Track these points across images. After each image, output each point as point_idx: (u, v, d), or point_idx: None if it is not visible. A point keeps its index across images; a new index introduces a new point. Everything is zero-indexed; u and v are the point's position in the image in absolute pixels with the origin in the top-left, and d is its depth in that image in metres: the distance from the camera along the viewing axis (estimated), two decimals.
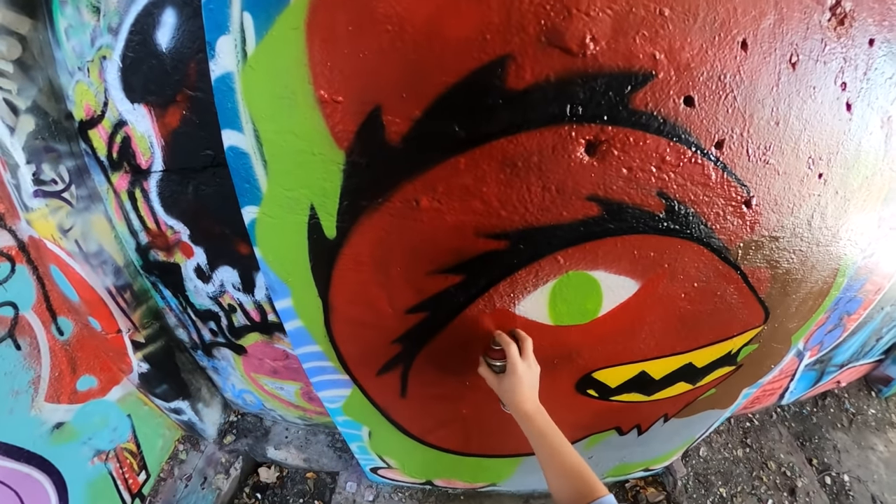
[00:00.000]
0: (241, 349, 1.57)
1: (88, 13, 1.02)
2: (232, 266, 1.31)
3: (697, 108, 0.69)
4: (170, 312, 1.59)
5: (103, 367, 1.59)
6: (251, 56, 0.70)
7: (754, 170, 0.77)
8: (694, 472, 2.03)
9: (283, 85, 0.70)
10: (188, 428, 1.97)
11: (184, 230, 1.27)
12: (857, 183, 0.86)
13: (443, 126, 0.68)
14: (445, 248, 0.81)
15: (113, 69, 1.04)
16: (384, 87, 0.67)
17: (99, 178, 1.28)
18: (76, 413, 1.50)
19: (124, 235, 1.39)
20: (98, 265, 1.35)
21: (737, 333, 1.09)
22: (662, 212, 0.78)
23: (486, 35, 0.62)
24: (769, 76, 0.69)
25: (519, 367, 0.86)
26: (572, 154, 0.70)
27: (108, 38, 1.02)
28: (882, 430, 2.42)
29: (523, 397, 0.86)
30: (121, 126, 1.12)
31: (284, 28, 0.66)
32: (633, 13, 0.62)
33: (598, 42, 0.63)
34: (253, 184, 0.82)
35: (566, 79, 0.65)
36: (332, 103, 0.69)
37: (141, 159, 1.15)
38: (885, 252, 1.44)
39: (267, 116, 0.74)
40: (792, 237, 0.89)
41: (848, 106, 0.76)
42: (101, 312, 1.41)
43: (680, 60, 0.66)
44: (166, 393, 1.71)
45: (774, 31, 0.66)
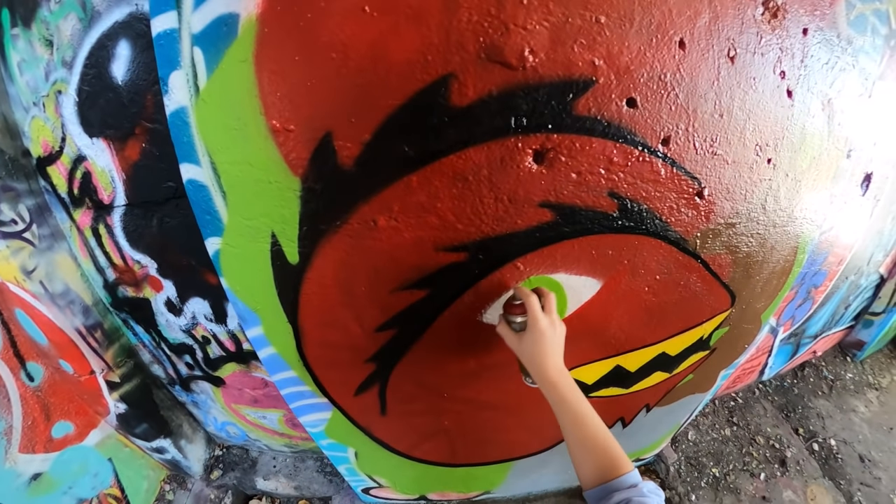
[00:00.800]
0: (219, 381, 1.55)
1: (41, 47, 1.00)
2: (202, 297, 1.29)
3: (640, 108, 0.72)
4: (143, 349, 1.55)
5: (79, 411, 1.54)
6: (203, 90, 0.71)
7: (703, 162, 0.80)
8: (685, 456, 2.06)
9: (235, 117, 0.71)
10: (173, 467, 1.91)
11: (151, 264, 1.25)
12: (806, 164, 0.90)
13: (392, 147, 0.70)
14: (407, 264, 0.82)
15: (69, 103, 1.03)
16: (333, 114, 0.68)
17: (61, 215, 1.25)
18: (53, 462, 1.45)
19: (91, 273, 1.36)
20: (65, 305, 1.32)
21: (706, 319, 1.12)
22: (616, 211, 0.81)
23: (427, 56, 0.64)
24: (709, 71, 0.72)
25: (541, 322, 0.76)
26: (520, 164, 0.72)
27: (63, 72, 1.00)
28: (861, 391, 2.51)
29: (545, 358, 0.77)
30: (80, 161, 1.10)
31: (233, 61, 0.67)
32: (570, 23, 0.65)
33: (537, 54, 0.66)
34: (214, 215, 0.82)
35: (508, 92, 0.67)
36: (285, 132, 0.70)
37: (103, 194, 1.13)
38: (842, 225, 1.51)
39: (222, 148, 0.75)
40: (748, 222, 0.92)
41: (789, 93, 0.80)
42: (72, 354, 1.37)
43: (619, 64, 0.68)
44: (147, 432, 1.67)
45: (710, 28, 0.70)
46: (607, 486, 0.66)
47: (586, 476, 0.70)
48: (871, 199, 1.56)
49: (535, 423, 1.29)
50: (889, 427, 2.29)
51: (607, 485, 0.66)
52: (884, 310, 2.47)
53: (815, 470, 2.05)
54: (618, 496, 0.64)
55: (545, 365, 0.77)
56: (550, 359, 0.77)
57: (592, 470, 0.69)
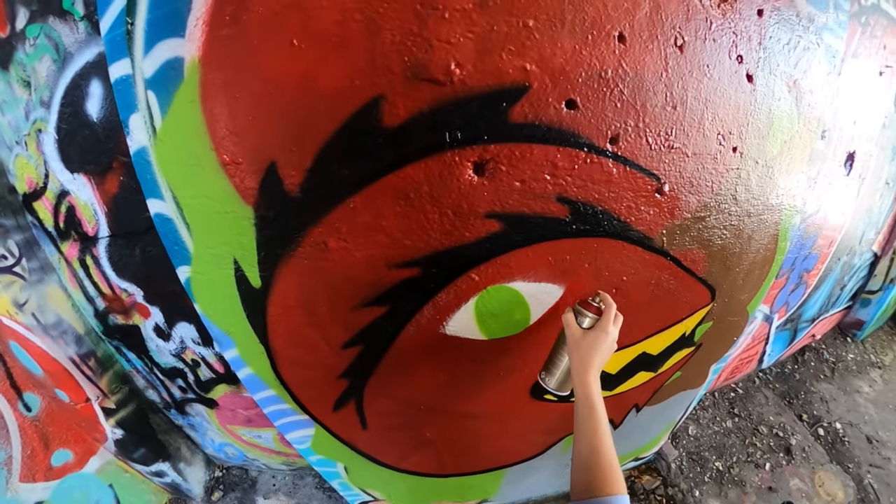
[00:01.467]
0: (212, 402, 1.57)
1: (20, 88, 1.05)
2: (188, 321, 1.31)
3: (582, 109, 0.71)
4: (137, 375, 1.59)
5: (77, 438, 1.57)
6: (160, 130, 0.74)
7: (659, 157, 0.78)
8: (686, 451, 2.02)
9: (189, 153, 0.74)
10: (174, 490, 1.93)
11: (137, 292, 1.28)
12: (777, 149, 0.89)
13: (333, 171, 0.72)
14: (362, 282, 0.84)
15: (49, 141, 1.07)
16: (275, 144, 0.71)
17: (49, 248, 1.30)
18: (54, 490, 1.48)
19: (81, 303, 1.39)
20: (58, 336, 1.35)
21: (685, 316, 1.10)
22: (568, 216, 0.81)
23: (355, 81, 0.66)
24: (655, 63, 0.71)
25: (610, 328, 0.81)
26: (460, 177, 0.73)
27: (42, 112, 1.04)
28: (864, 371, 2.47)
29: (595, 360, 0.79)
30: (64, 196, 1.14)
31: (183, 102, 0.70)
32: (496, 31, 0.64)
33: (464, 66, 0.66)
34: (181, 245, 0.86)
35: (439, 108, 0.68)
36: (234, 165, 0.73)
37: (87, 227, 1.17)
38: (828, 207, 1.47)
39: (182, 183, 0.78)
40: (719, 214, 0.90)
41: (749, 77, 0.79)
42: (67, 383, 1.41)
43: (553, 67, 0.67)
44: (145, 457, 1.69)
45: (652, 18, 0.69)
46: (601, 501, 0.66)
47: (579, 482, 0.71)
48: (856, 178, 1.53)
49: (521, 430, 1.28)
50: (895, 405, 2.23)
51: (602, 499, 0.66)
52: (880, 287, 2.43)
53: (822, 455, 2.00)
54: None
55: (592, 366, 0.79)
56: (597, 362, 0.79)
57: (588, 480, 0.70)
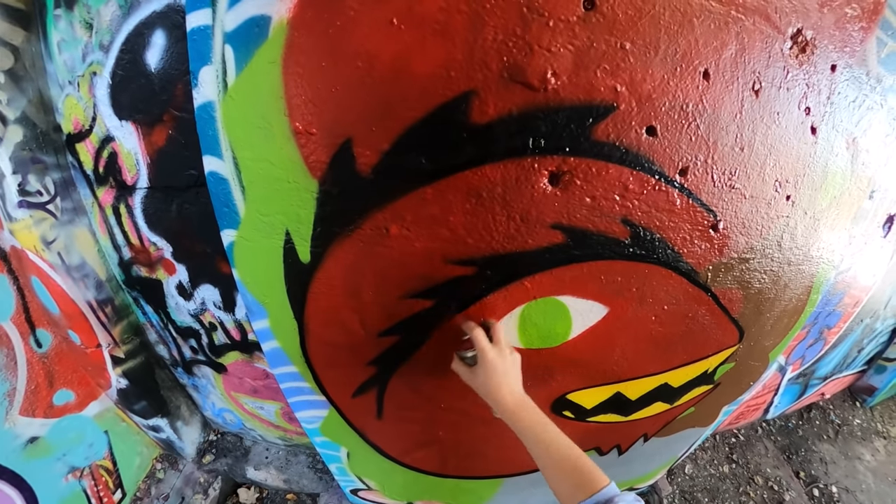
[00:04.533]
0: (221, 367, 1.57)
1: (81, 29, 1.05)
2: (213, 285, 1.31)
3: (660, 137, 0.71)
4: (150, 328, 1.59)
5: (81, 381, 1.58)
6: (231, 87, 0.72)
7: (720, 195, 0.79)
8: (680, 489, 2.02)
9: (260, 115, 0.72)
10: (166, 446, 1.94)
11: (167, 247, 1.28)
12: (826, 203, 0.89)
13: (410, 158, 0.71)
14: (415, 273, 0.83)
15: (102, 85, 1.07)
16: (355, 121, 0.69)
17: (84, 191, 1.30)
18: (51, 428, 1.48)
19: (107, 250, 1.40)
20: (80, 278, 1.35)
21: (711, 353, 1.10)
22: (628, 238, 0.80)
23: (450, 72, 0.65)
24: (732, 104, 0.72)
25: (489, 354, 0.78)
26: (535, 185, 0.73)
27: (100, 55, 1.04)
28: (868, 439, 2.44)
29: (499, 389, 0.77)
30: (108, 142, 1.14)
31: (262, 62, 0.69)
32: (594, 48, 0.65)
33: (560, 77, 0.66)
34: (231, 208, 0.84)
35: (528, 113, 0.67)
36: (307, 135, 0.72)
37: (127, 175, 1.17)
38: (860, 266, 1.47)
39: (245, 145, 0.76)
40: (762, 258, 0.90)
41: (813, 129, 0.79)
42: (81, 326, 1.41)
43: (641, 92, 0.68)
44: (145, 410, 1.69)
45: (736, 60, 0.69)
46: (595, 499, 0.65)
47: (564, 495, 0.69)
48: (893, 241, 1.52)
49: None
50: (895, 479, 2.21)
51: (587, 501, 0.65)
52: None
53: None
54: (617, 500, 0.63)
55: (501, 395, 0.77)
56: (505, 388, 0.77)
57: (570, 490, 0.68)
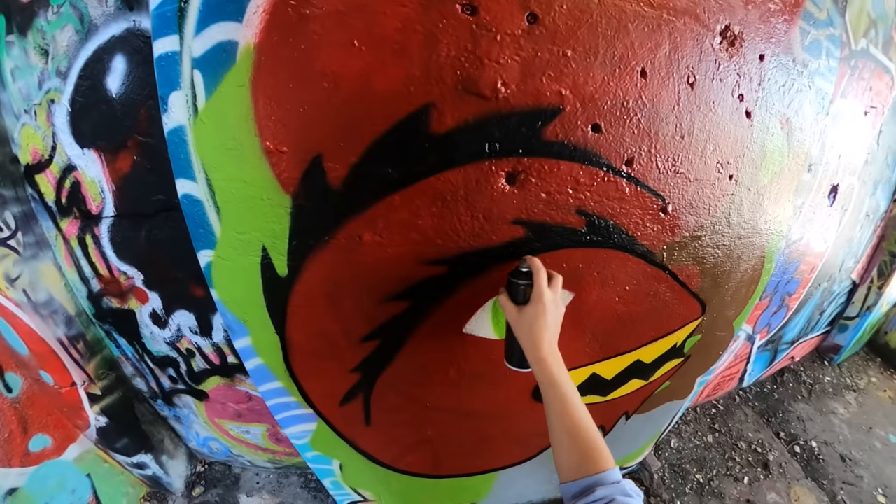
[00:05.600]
0: (202, 394, 1.54)
1: (36, 55, 1.03)
2: (188, 310, 1.30)
3: (605, 133, 0.79)
4: (126, 361, 1.55)
5: (57, 424, 1.52)
6: (202, 111, 0.75)
7: (666, 180, 0.87)
8: (668, 463, 2.10)
9: (231, 137, 0.75)
10: (153, 483, 1.87)
11: (137, 275, 1.26)
12: (767, 179, 0.98)
13: (378, 169, 0.75)
14: (391, 277, 0.87)
15: (62, 113, 1.05)
16: (323, 137, 0.74)
17: (47, 224, 1.26)
18: (30, 477, 1.42)
19: (75, 283, 1.36)
20: (48, 315, 1.31)
21: (678, 327, 1.18)
22: (584, 227, 0.87)
23: (409, 87, 0.70)
24: (670, 97, 0.79)
25: (546, 296, 0.74)
26: (494, 185, 0.79)
27: (57, 82, 1.02)
28: (839, 394, 2.60)
29: (542, 333, 0.74)
30: (70, 171, 1.12)
31: (231, 85, 0.72)
32: (539, 57, 0.71)
33: (509, 86, 0.72)
34: (207, 229, 0.86)
35: (483, 120, 0.73)
36: (278, 153, 0.75)
37: (91, 204, 1.15)
38: (812, 235, 1.59)
39: (218, 166, 0.79)
40: (713, 234, 0.99)
41: (748, 114, 0.87)
42: (53, 365, 1.36)
43: (585, 93, 0.75)
44: (127, 447, 1.64)
45: (670, 58, 0.77)
46: (590, 480, 0.63)
47: (567, 466, 0.66)
48: (838, 209, 1.66)
49: (520, 432, 1.32)
50: (868, 427, 2.37)
51: (591, 478, 0.63)
52: (857, 314, 2.57)
53: (798, 471, 2.11)
54: (602, 491, 0.60)
55: (540, 340, 0.73)
56: (548, 335, 0.74)
57: (575, 460, 0.65)
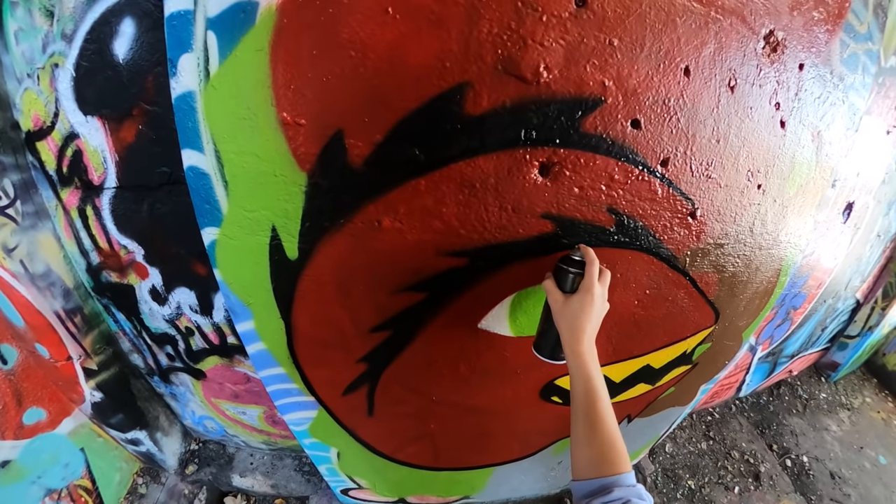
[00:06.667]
0: (199, 374, 1.52)
1: (41, 17, 0.97)
2: (189, 287, 1.27)
3: (644, 129, 0.74)
4: (123, 337, 1.51)
5: (52, 397, 1.49)
6: (214, 76, 0.69)
7: (698, 184, 0.83)
8: (662, 467, 2.11)
9: (245, 106, 0.70)
10: (147, 459, 1.86)
11: (138, 250, 1.22)
12: (793, 191, 0.94)
13: (403, 150, 0.70)
14: (407, 267, 0.83)
15: (65, 78, 1.00)
16: (347, 111, 0.68)
17: (47, 193, 1.22)
18: (23, 449, 1.39)
19: (74, 255, 1.32)
20: (45, 287, 1.27)
21: (690, 334, 1.15)
22: (613, 226, 0.83)
23: (445, 63, 0.65)
24: (710, 99, 0.75)
25: (595, 289, 0.73)
26: (527, 175, 0.74)
27: (62, 45, 0.97)
28: (834, 411, 2.61)
29: (586, 325, 0.72)
30: (72, 139, 1.08)
31: (248, 49, 0.66)
32: (585, 43, 0.66)
33: (552, 70, 0.67)
34: (213, 205, 0.81)
35: (521, 105, 0.68)
36: (295, 126, 0.70)
37: (93, 175, 1.11)
38: (823, 250, 1.57)
39: (228, 137, 0.74)
40: (736, 243, 0.95)
41: (782, 123, 0.83)
42: (49, 338, 1.33)
43: (627, 87, 0.70)
44: (122, 423, 1.62)
45: (714, 58, 0.72)
46: (608, 480, 0.62)
47: (586, 463, 0.66)
48: (851, 226, 1.63)
49: (522, 429, 1.30)
50: (859, 446, 2.38)
51: (609, 479, 0.62)
52: (858, 333, 2.57)
53: (788, 485, 2.13)
54: (619, 492, 0.60)
55: (582, 332, 0.72)
56: (589, 328, 0.73)
57: (596, 459, 0.65)
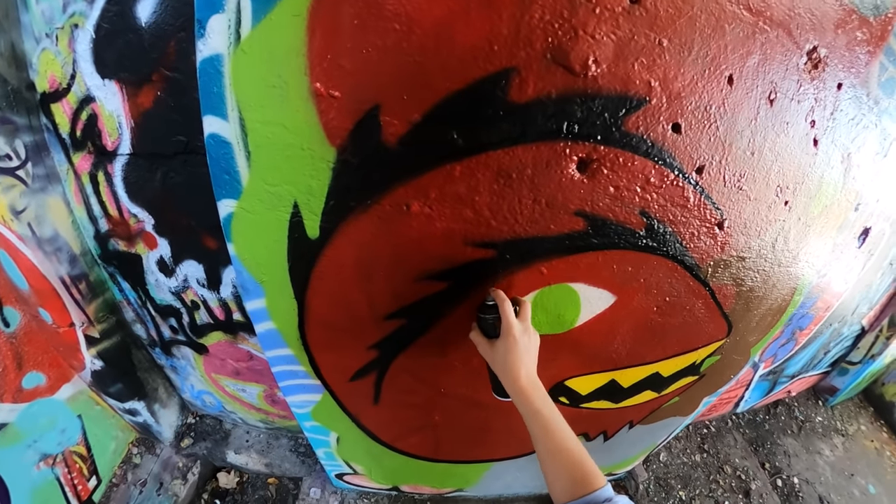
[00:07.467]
0: (202, 348, 1.51)
1: None
2: (198, 261, 1.25)
3: (683, 134, 0.72)
4: (127, 306, 1.50)
5: (53, 363, 1.48)
6: (245, 39, 0.65)
7: (728, 195, 0.81)
8: (655, 476, 2.12)
9: (276, 73, 0.67)
10: (143, 430, 1.85)
11: (148, 219, 1.21)
12: (818, 211, 0.93)
13: (441, 132, 0.68)
14: (432, 254, 0.80)
15: (85, 39, 0.98)
16: (385, 87, 0.65)
17: (59, 156, 1.19)
18: (21, 413, 1.39)
19: (82, 221, 1.30)
20: (52, 252, 1.25)
21: (702, 345, 1.14)
22: (643, 229, 0.81)
23: (493, 45, 0.62)
24: (749, 110, 0.73)
25: (515, 329, 0.75)
26: (564, 170, 0.72)
27: (83, 5, 0.95)
28: (828, 436, 2.61)
29: (517, 367, 0.75)
30: (88, 102, 1.05)
31: (285, 13, 0.63)
32: (635, 40, 0.64)
33: (600, 65, 0.65)
34: (233, 176, 0.77)
35: (566, 97, 0.66)
36: (328, 98, 0.67)
37: (107, 140, 1.08)
38: (835, 273, 1.56)
39: (255, 105, 0.70)
40: (757, 258, 0.94)
41: (815, 142, 0.82)
42: (53, 304, 1.31)
43: (672, 89, 0.68)
44: (121, 392, 1.61)
45: (758, 69, 0.70)
46: (582, 501, 0.64)
47: (559, 490, 0.68)
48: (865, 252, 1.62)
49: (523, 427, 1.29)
50: (850, 473, 2.38)
51: (582, 499, 0.64)
52: (860, 360, 2.55)
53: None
54: None
55: (517, 373, 0.75)
56: (523, 367, 0.75)
57: (565, 483, 0.67)
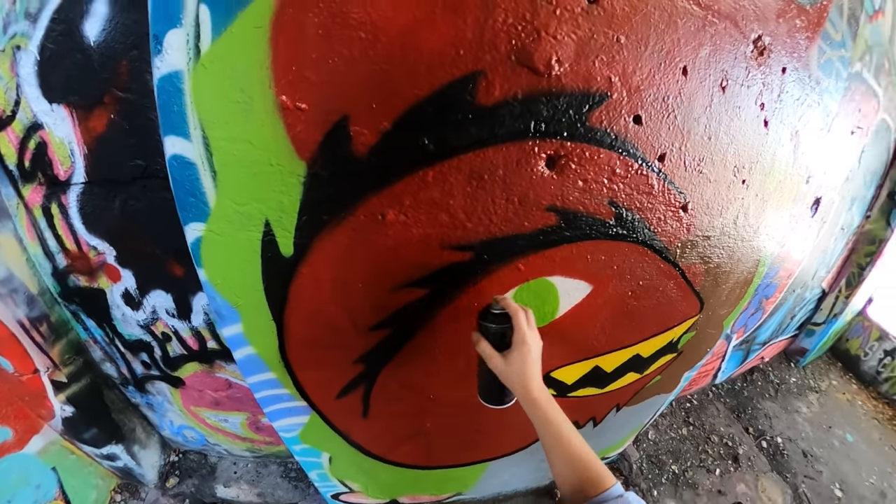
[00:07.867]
0: (178, 381, 1.45)
1: None
2: (165, 290, 1.21)
3: (644, 125, 0.76)
4: (94, 345, 1.43)
5: (18, 414, 1.39)
6: (205, 54, 0.63)
7: (690, 179, 0.85)
8: (646, 454, 2.20)
9: (240, 88, 0.65)
10: (125, 474, 1.76)
11: (109, 251, 1.16)
12: (773, 186, 0.99)
13: (412, 139, 0.68)
14: (410, 261, 0.81)
15: (28, 62, 0.93)
16: (353, 97, 0.65)
17: (7, 190, 1.13)
18: None
19: (38, 258, 1.23)
20: (7, 294, 1.19)
21: (677, 323, 1.19)
22: (612, 219, 0.85)
23: (459, 50, 0.63)
24: (704, 98, 0.78)
25: (529, 338, 0.74)
26: (534, 168, 0.74)
27: (25, 26, 0.91)
28: (803, 394, 2.80)
29: (532, 377, 0.74)
30: (35, 129, 1.00)
31: (246, 26, 0.61)
32: (594, 39, 0.67)
33: (563, 64, 0.67)
34: (199, 198, 0.75)
35: (532, 97, 0.68)
36: (295, 110, 0.66)
37: (59, 169, 1.04)
38: (794, 243, 1.68)
39: (219, 122, 0.68)
40: (721, 235, 0.99)
41: (765, 122, 0.87)
42: (12, 350, 1.24)
43: (632, 83, 0.72)
44: (96, 438, 1.53)
45: (710, 59, 0.75)
46: (598, 499, 0.65)
47: (572, 493, 0.69)
48: (818, 220, 1.74)
49: (517, 423, 1.30)
50: (828, 426, 2.56)
51: (598, 498, 0.65)
52: (824, 320, 2.76)
53: (765, 465, 2.26)
54: None
55: (532, 383, 0.74)
56: (537, 376, 0.75)
57: (578, 488, 0.68)
